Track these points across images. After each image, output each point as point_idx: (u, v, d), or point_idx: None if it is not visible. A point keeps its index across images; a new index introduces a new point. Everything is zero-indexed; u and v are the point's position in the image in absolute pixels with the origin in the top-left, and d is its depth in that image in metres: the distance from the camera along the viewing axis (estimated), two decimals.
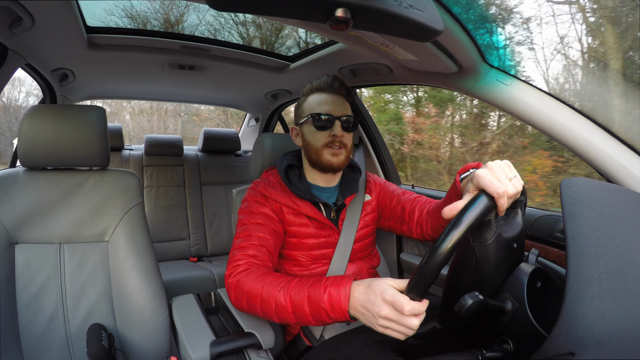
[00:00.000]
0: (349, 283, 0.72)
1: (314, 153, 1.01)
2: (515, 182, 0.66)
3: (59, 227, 0.98)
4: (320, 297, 0.73)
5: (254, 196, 1.03)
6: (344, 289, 0.72)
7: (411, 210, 1.06)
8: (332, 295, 0.72)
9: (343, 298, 0.71)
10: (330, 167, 1.01)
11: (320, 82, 1.04)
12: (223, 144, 2.49)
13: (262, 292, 0.80)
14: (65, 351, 0.94)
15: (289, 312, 0.77)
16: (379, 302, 0.66)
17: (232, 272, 0.89)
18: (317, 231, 1.02)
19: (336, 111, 0.99)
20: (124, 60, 1.56)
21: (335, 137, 0.98)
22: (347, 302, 0.71)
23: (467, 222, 0.60)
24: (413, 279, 0.63)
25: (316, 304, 0.73)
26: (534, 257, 0.77)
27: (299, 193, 1.00)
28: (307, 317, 0.75)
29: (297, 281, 0.79)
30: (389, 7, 0.51)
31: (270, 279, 0.82)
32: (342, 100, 1.03)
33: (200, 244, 2.29)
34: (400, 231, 1.11)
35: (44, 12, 1.01)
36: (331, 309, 0.72)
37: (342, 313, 0.71)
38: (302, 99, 1.07)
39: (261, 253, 0.93)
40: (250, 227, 0.97)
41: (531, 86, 0.97)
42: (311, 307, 0.74)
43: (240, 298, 0.85)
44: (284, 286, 0.79)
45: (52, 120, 0.98)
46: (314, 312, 0.74)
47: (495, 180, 0.64)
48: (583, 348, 0.47)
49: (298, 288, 0.77)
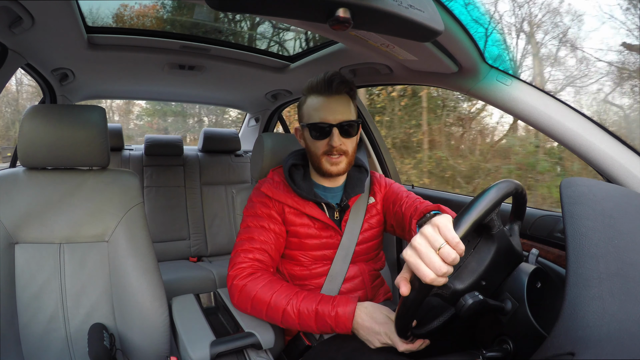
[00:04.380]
0: (354, 305, 0.85)
1: (314, 160, 1.01)
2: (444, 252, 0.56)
3: (59, 227, 0.98)
4: (328, 314, 0.84)
5: (258, 196, 1.04)
6: (349, 309, 0.84)
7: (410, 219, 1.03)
8: (339, 314, 0.84)
9: (348, 318, 0.84)
10: (329, 175, 1.00)
11: (317, 81, 0.98)
12: (223, 144, 2.49)
13: (270, 301, 0.88)
14: (65, 351, 0.94)
15: (295, 323, 0.87)
16: (382, 333, 0.81)
17: (238, 274, 0.92)
18: (319, 232, 1.02)
19: (333, 117, 0.94)
20: (124, 60, 1.56)
21: (332, 147, 0.95)
22: (351, 322, 0.84)
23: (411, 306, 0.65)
24: (395, 327, 0.74)
25: (323, 319, 0.85)
26: (534, 257, 0.77)
27: (301, 193, 0.99)
28: (312, 328, 0.86)
29: (305, 296, 0.88)
30: (389, 7, 0.51)
31: (278, 288, 0.89)
32: (342, 102, 0.97)
33: (200, 244, 2.29)
34: (403, 237, 1.09)
35: (44, 12, 1.01)
36: (336, 325, 0.84)
37: (346, 329, 0.84)
38: (302, 99, 1.04)
39: (264, 257, 0.96)
40: (253, 230, 0.99)
41: (531, 86, 0.97)
42: (318, 322, 0.85)
43: (245, 302, 0.91)
44: (292, 298, 0.87)
45: (52, 120, 0.98)
46: (320, 325, 0.85)
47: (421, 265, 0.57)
48: (583, 348, 0.47)
49: (306, 303, 0.86)
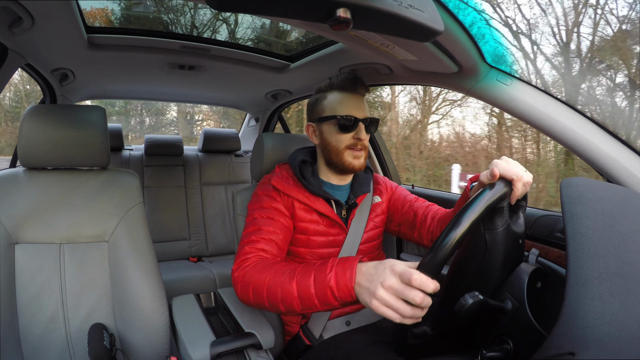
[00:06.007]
0: (355, 261, 0.71)
1: (334, 154, 1.00)
2: (526, 174, 0.71)
3: (59, 227, 0.98)
4: (326, 276, 0.72)
5: (266, 190, 1.02)
6: (350, 265, 0.71)
7: (423, 217, 1.06)
8: (338, 273, 0.71)
9: (349, 275, 0.69)
10: (352, 169, 1.00)
11: (341, 80, 1.01)
12: (223, 144, 2.49)
13: (268, 281, 0.79)
14: (66, 351, 0.94)
15: (295, 297, 0.75)
16: (387, 273, 0.63)
17: (240, 265, 0.88)
18: (327, 229, 1.02)
19: (360, 113, 0.98)
20: (124, 60, 1.56)
21: (359, 140, 0.98)
22: (353, 279, 0.69)
23: (484, 202, 0.63)
24: (427, 256, 0.60)
25: (322, 283, 0.72)
26: (534, 257, 0.77)
27: (312, 189, 0.99)
28: (313, 299, 0.73)
29: (304, 265, 0.78)
30: (389, 7, 0.51)
31: (277, 267, 0.81)
32: (363, 101, 1.01)
33: (201, 244, 2.29)
34: (411, 237, 1.10)
35: (44, 12, 1.01)
36: (337, 287, 0.70)
37: (348, 291, 0.69)
38: (320, 95, 1.04)
39: (271, 247, 0.92)
40: (260, 220, 0.96)
41: (531, 86, 0.97)
42: (317, 288, 0.72)
43: (246, 290, 0.83)
44: (291, 272, 0.78)
45: (52, 120, 0.98)
46: (320, 294, 0.72)
47: (512, 167, 0.70)
48: (583, 348, 0.47)
49: (304, 271, 0.76)
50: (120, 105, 10.30)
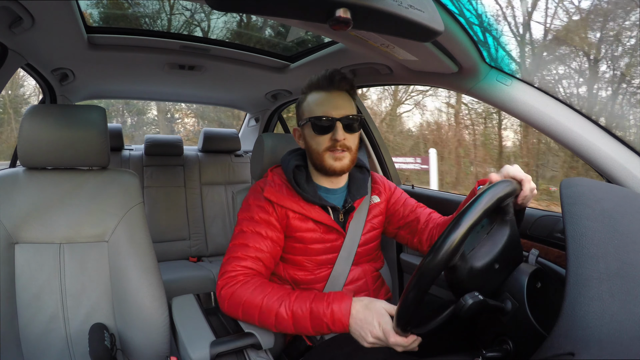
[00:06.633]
0: (350, 300, 0.80)
1: (316, 158, 0.97)
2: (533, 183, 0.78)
3: (59, 227, 0.98)
4: (323, 312, 0.80)
5: (257, 200, 0.98)
6: (345, 305, 0.80)
7: (425, 223, 1.05)
8: (334, 311, 0.79)
9: (345, 314, 0.79)
10: (333, 172, 0.96)
11: (318, 78, 0.97)
12: (223, 144, 2.49)
13: (261, 305, 0.84)
14: (66, 351, 0.94)
15: (290, 325, 0.82)
16: (375, 324, 0.76)
17: (228, 282, 0.88)
18: (324, 236, 0.99)
19: (337, 112, 0.93)
20: (124, 60, 1.56)
21: (336, 141, 0.93)
22: (348, 317, 0.79)
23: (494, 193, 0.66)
24: (395, 315, 0.71)
25: (318, 318, 0.80)
26: (534, 257, 0.77)
27: (307, 197, 0.96)
28: (308, 329, 0.81)
29: (297, 295, 0.84)
30: (389, 8, 0.51)
31: (269, 290, 0.85)
32: (343, 97, 0.96)
33: (200, 244, 2.29)
34: (409, 241, 1.09)
35: (44, 12, 1.01)
36: (332, 323, 0.79)
37: (343, 327, 0.79)
38: (302, 97, 1.02)
39: (257, 265, 0.92)
40: (248, 235, 0.94)
41: (531, 86, 0.97)
42: (313, 321, 0.80)
43: (235, 308, 0.87)
44: (285, 300, 0.83)
45: (52, 120, 0.98)
46: (316, 325, 0.81)
47: (522, 171, 0.77)
48: (583, 348, 0.47)
49: (300, 302, 0.82)
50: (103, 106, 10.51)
